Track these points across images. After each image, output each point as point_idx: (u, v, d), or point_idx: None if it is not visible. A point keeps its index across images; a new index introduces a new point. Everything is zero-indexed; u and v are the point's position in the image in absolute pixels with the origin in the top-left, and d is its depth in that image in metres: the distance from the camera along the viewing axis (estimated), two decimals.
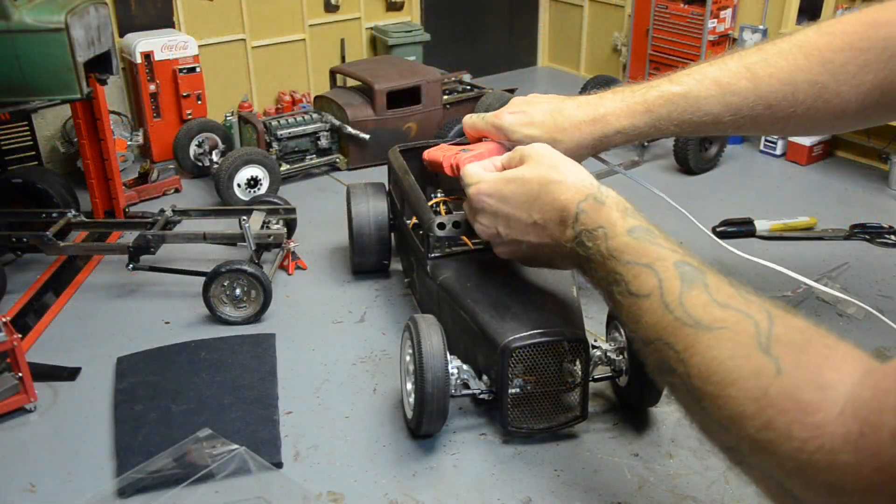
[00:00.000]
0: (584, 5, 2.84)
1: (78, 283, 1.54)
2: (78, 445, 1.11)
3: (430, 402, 1.02)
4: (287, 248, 1.57)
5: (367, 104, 2.07)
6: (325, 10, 2.45)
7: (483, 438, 1.11)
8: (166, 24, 2.17)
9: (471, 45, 2.89)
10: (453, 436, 1.11)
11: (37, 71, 1.42)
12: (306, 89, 2.47)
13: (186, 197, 1.94)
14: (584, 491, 1.01)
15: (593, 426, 1.13)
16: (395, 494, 1.01)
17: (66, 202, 1.67)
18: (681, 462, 1.06)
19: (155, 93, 2.06)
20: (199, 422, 1.11)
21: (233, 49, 2.31)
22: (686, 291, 0.55)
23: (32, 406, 1.17)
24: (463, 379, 1.08)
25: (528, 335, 1.03)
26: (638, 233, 0.67)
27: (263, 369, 1.24)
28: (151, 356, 1.28)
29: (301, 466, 1.06)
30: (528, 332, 1.03)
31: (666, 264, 0.59)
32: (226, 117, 2.17)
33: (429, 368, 1.01)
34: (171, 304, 1.46)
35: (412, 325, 1.06)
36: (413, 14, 2.65)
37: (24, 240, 1.49)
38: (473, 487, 1.02)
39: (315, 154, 2.07)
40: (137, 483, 1.00)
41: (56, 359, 1.29)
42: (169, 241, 1.51)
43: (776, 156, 2.12)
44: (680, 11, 2.35)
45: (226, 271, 1.35)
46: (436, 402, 1.03)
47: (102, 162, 1.70)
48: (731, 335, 0.49)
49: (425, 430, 1.08)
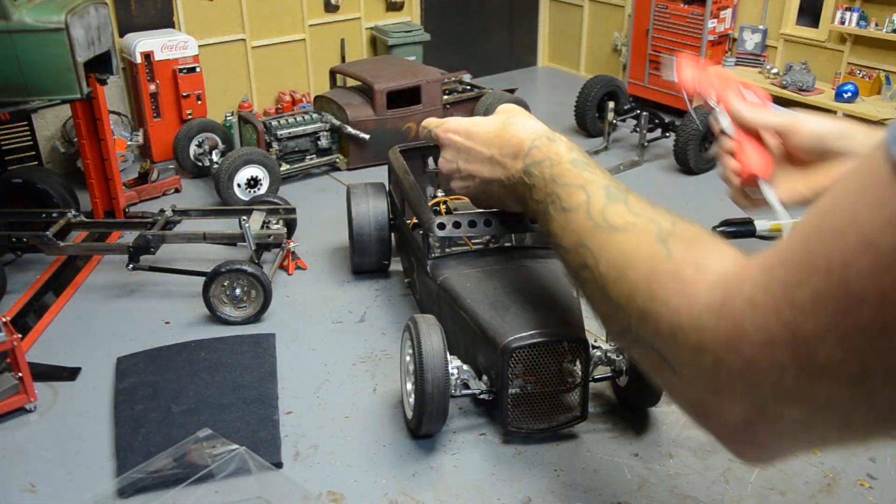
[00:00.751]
0: (584, 5, 2.84)
1: (78, 283, 1.54)
2: (78, 445, 1.10)
3: (431, 402, 1.02)
4: (287, 248, 1.57)
5: (367, 104, 2.07)
6: (325, 10, 2.45)
7: (483, 438, 1.11)
8: (166, 24, 2.17)
9: (471, 45, 2.89)
10: (453, 436, 1.11)
11: (37, 71, 1.42)
12: (306, 89, 2.47)
13: (186, 197, 1.93)
14: (584, 491, 1.01)
15: (593, 426, 1.13)
16: (395, 494, 1.01)
17: (66, 202, 1.67)
18: (681, 462, 1.06)
19: (155, 93, 2.06)
20: (199, 422, 1.11)
21: (233, 49, 2.31)
22: (608, 205, 0.65)
23: (32, 406, 1.17)
24: (463, 379, 1.09)
25: (528, 335, 1.03)
26: (577, 163, 0.79)
27: (263, 369, 1.24)
28: (151, 356, 1.28)
29: (301, 466, 1.06)
30: (527, 333, 1.03)
31: (596, 186, 0.70)
32: (226, 117, 2.17)
33: (429, 369, 1.01)
34: (171, 304, 1.46)
35: (412, 326, 1.06)
36: (413, 14, 2.65)
37: (24, 240, 1.49)
38: (473, 487, 1.02)
39: (315, 154, 2.07)
40: (137, 483, 1.00)
41: (56, 359, 1.29)
42: (169, 241, 1.51)
43: None
44: (680, 11, 2.35)
45: (226, 271, 1.35)
46: (436, 403, 1.03)
47: (102, 162, 1.70)
48: (637, 233, 0.59)
49: (425, 431, 1.08)
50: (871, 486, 1.02)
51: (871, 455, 1.07)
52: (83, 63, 1.46)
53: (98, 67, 1.58)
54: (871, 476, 1.03)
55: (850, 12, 2.18)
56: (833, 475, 1.04)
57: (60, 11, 1.40)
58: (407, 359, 1.10)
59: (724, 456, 1.07)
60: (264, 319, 1.40)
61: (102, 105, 1.63)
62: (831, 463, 1.06)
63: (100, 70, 1.59)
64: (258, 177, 1.83)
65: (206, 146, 2.01)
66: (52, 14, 1.39)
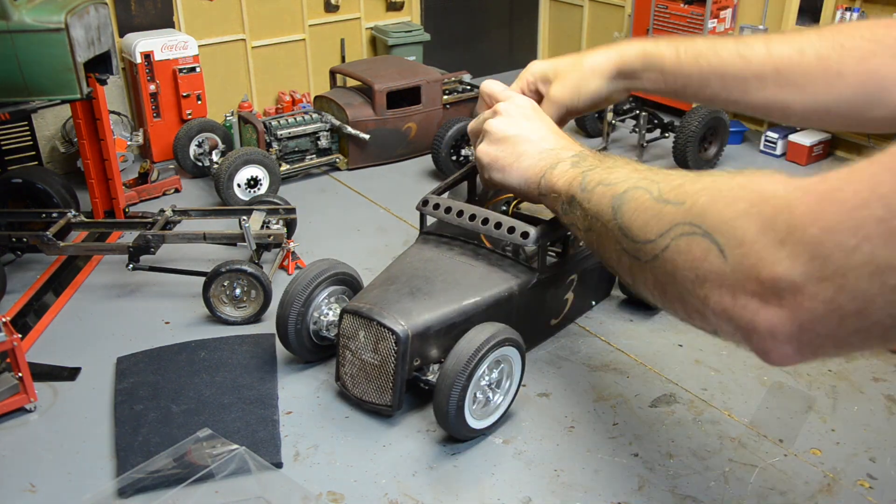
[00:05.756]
0: (584, 5, 2.84)
1: (78, 283, 1.54)
2: (78, 445, 1.11)
3: (283, 327, 1.23)
4: (287, 248, 1.57)
5: (367, 104, 2.07)
6: (325, 10, 2.45)
7: (483, 438, 1.11)
8: (166, 24, 2.17)
9: (471, 45, 2.89)
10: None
11: (37, 71, 1.42)
12: (306, 89, 2.47)
13: (186, 197, 1.94)
14: (584, 491, 1.01)
15: (593, 426, 1.13)
16: (395, 494, 1.01)
17: (66, 202, 1.67)
18: (681, 462, 1.06)
19: (155, 93, 2.06)
20: (199, 422, 1.11)
21: (233, 49, 2.31)
22: (620, 205, 0.76)
23: (32, 406, 1.17)
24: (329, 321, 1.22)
25: (360, 305, 1.12)
26: (589, 186, 0.89)
27: (263, 369, 1.24)
28: (151, 356, 1.28)
29: (301, 466, 1.06)
30: (362, 303, 1.13)
31: (628, 196, 0.78)
32: (226, 117, 2.17)
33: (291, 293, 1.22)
34: (171, 304, 1.46)
35: None
36: (413, 14, 2.65)
37: (24, 240, 1.49)
38: (473, 487, 1.02)
39: (315, 154, 2.07)
40: (137, 483, 1.00)
41: (56, 359, 1.29)
42: (169, 241, 1.51)
43: (776, 156, 2.13)
44: (680, 11, 2.35)
45: (226, 271, 1.36)
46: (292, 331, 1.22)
47: (102, 162, 1.70)
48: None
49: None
50: (871, 486, 1.02)
51: (872, 455, 1.07)
52: (83, 63, 1.46)
53: (98, 67, 1.58)
54: (871, 476, 1.04)
55: (850, 12, 2.18)
56: (833, 475, 1.04)
57: (60, 11, 1.40)
58: None
59: (724, 456, 1.07)
60: (264, 319, 1.40)
61: (102, 105, 1.63)
62: (831, 463, 1.06)
63: (100, 70, 1.59)
64: (258, 177, 1.83)
65: (206, 146, 2.01)
66: (52, 14, 1.39)
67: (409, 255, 1.25)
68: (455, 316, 1.13)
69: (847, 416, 1.15)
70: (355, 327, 1.12)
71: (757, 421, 1.14)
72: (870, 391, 1.21)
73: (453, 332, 1.11)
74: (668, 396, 1.19)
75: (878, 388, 1.21)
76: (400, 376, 1.09)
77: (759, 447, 1.09)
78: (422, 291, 1.15)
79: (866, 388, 1.21)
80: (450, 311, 1.13)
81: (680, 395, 1.20)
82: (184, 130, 2.00)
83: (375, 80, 2.05)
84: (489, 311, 1.16)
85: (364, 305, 1.11)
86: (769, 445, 1.09)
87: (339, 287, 1.25)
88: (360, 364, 1.13)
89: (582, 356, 1.29)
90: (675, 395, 1.20)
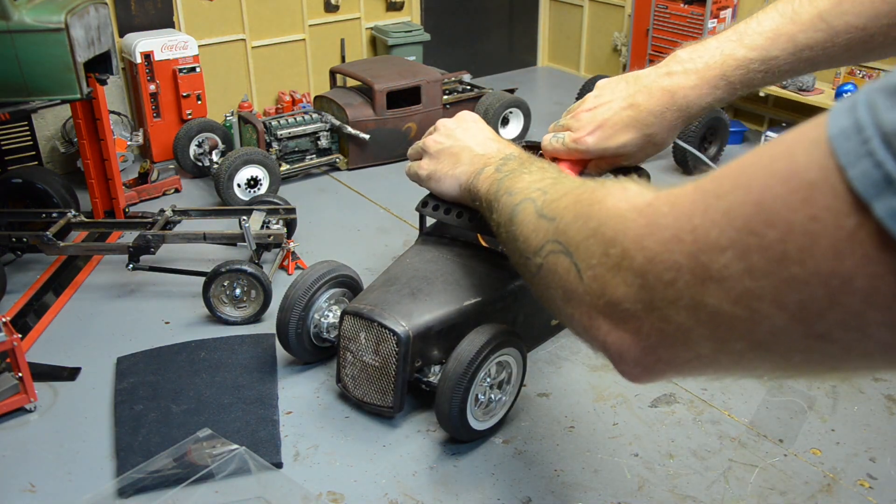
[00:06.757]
0: (584, 5, 2.84)
1: (78, 283, 1.54)
2: (78, 445, 1.11)
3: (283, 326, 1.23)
4: (287, 248, 1.57)
5: (367, 104, 2.07)
6: (325, 10, 2.45)
7: (482, 438, 1.11)
8: (166, 24, 2.17)
9: (471, 45, 2.89)
10: None
11: (37, 71, 1.42)
12: (306, 89, 2.47)
13: (186, 197, 1.94)
14: (584, 491, 1.01)
15: (593, 426, 1.13)
16: (395, 494, 1.01)
17: (66, 202, 1.67)
18: (681, 462, 1.06)
19: (155, 93, 2.06)
20: (199, 422, 1.11)
21: (233, 49, 2.31)
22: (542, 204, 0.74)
23: (32, 406, 1.17)
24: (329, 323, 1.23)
25: (361, 305, 1.12)
26: (503, 184, 0.87)
27: (263, 369, 1.24)
28: (151, 356, 1.28)
29: (301, 466, 1.06)
30: (363, 304, 1.12)
31: (523, 207, 0.77)
32: (226, 117, 2.17)
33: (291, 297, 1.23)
34: (171, 304, 1.46)
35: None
36: (413, 14, 2.65)
37: (24, 240, 1.49)
38: (473, 487, 1.02)
39: (315, 154, 2.07)
40: (137, 483, 1.00)
41: (56, 359, 1.29)
42: (169, 241, 1.51)
43: None
44: (680, 11, 2.35)
45: (226, 271, 1.35)
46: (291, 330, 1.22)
47: (102, 162, 1.70)
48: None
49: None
50: (871, 486, 1.02)
51: (872, 455, 1.07)
52: (83, 63, 1.46)
53: (98, 67, 1.58)
54: (871, 476, 1.04)
55: None
56: (833, 475, 1.04)
57: (60, 11, 1.40)
58: None
59: (724, 456, 1.07)
60: (264, 319, 1.40)
61: (102, 105, 1.63)
62: (831, 463, 1.06)
63: (100, 70, 1.59)
64: (258, 177, 1.83)
65: (206, 146, 2.01)
66: (52, 14, 1.39)
67: (410, 256, 1.25)
68: (456, 317, 1.13)
69: (847, 415, 1.15)
70: (356, 329, 1.11)
71: (757, 421, 1.14)
72: (870, 391, 1.21)
73: (454, 333, 1.11)
74: (668, 396, 1.19)
75: (878, 388, 1.22)
76: (401, 378, 1.09)
77: (759, 447, 1.09)
78: (422, 292, 1.15)
79: (866, 388, 1.21)
80: (451, 311, 1.13)
81: (680, 395, 1.20)
82: (184, 130, 2.00)
83: (375, 80, 2.05)
84: (490, 312, 1.16)
85: (365, 307, 1.11)
86: (769, 445, 1.09)
87: (340, 289, 1.25)
88: (361, 366, 1.12)
89: (582, 356, 1.29)
90: (675, 395, 1.20)
